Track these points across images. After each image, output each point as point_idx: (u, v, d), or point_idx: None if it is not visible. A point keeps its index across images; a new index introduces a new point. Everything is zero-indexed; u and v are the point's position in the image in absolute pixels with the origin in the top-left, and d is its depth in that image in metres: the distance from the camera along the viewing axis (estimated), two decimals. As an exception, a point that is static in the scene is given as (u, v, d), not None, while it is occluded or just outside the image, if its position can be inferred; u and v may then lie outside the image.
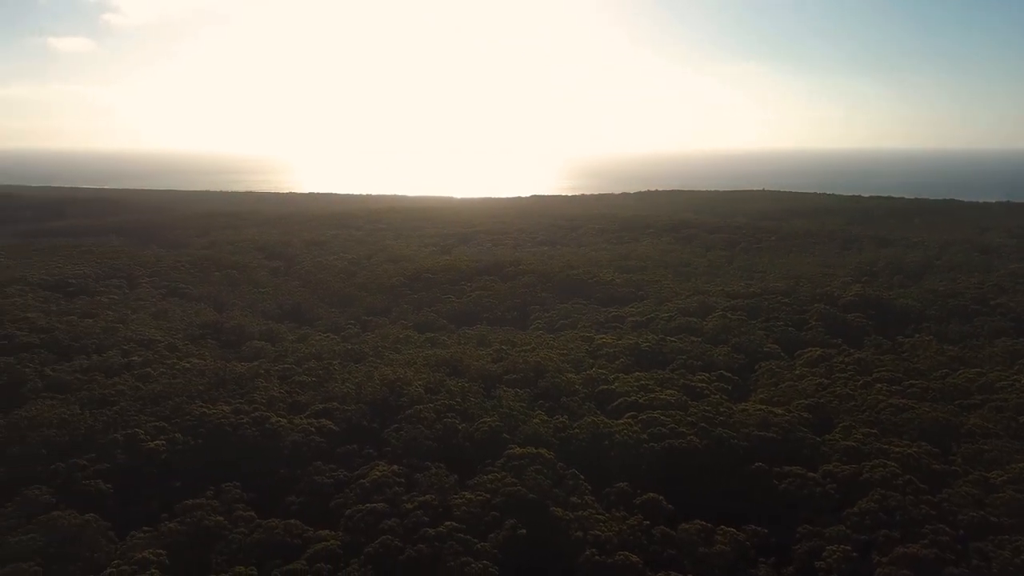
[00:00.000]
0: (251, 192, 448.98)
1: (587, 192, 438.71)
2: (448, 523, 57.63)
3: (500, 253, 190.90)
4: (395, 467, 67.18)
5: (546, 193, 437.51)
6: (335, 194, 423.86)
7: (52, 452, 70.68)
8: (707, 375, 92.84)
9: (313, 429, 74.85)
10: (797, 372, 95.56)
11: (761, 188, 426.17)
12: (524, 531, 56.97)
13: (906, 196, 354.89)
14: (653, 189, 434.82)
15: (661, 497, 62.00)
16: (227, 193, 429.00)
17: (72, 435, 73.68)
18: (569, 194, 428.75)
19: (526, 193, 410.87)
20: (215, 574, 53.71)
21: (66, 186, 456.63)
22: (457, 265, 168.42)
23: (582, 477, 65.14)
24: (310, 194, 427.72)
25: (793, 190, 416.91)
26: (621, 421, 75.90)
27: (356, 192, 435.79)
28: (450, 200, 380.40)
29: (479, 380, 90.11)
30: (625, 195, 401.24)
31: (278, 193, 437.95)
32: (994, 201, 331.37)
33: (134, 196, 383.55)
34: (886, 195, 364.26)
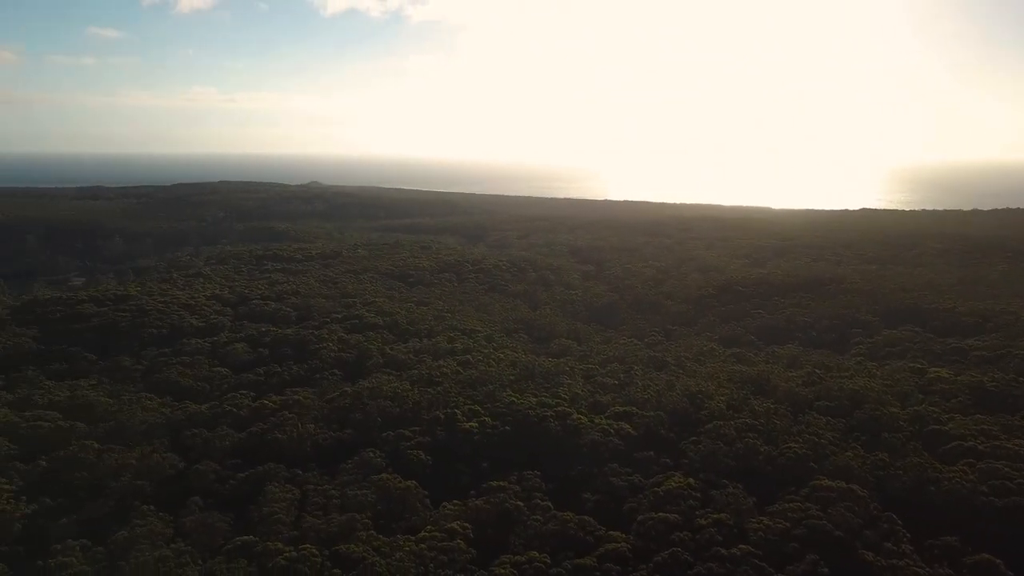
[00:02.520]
0: (566, 198, 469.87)
1: (925, 207, 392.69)
2: (742, 546, 55.06)
3: (819, 269, 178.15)
4: (690, 480, 65.81)
5: (876, 207, 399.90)
6: (646, 202, 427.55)
7: (385, 421, 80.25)
8: (1072, 427, 77.93)
9: (612, 431, 76.07)
10: None
11: None
12: (826, 570, 52.46)
13: None
14: (1014, 207, 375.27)
15: (1000, 562, 53.26)
16: (544, 199, 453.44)
17: (402, 408, 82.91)
18: (904, 208, 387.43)
19: (852, 205, 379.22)
20: (512, 554, 56.77)
21: (412, 188, 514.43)
22: (770, 279, 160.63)
23: (900, 523, 58.27)
24: (622, 201, 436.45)
25: None
26: (954, 468, 66.62)
27: (668, 200, 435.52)
28: (766, 210, 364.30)
29: (787, 403, 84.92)
30: (976, 212, 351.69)
31: (590, 200, 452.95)
32: None
33: (466, 199, 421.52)
34: None
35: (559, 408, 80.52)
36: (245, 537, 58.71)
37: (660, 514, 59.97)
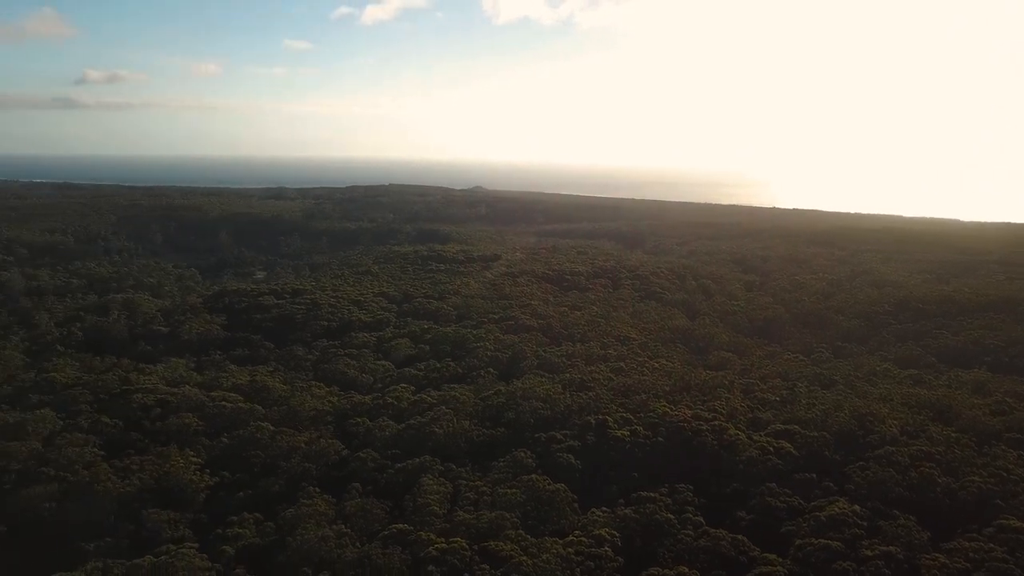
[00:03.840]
0: (731, 205, 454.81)
1: None
2: (914, 585, 50.84)
3: (1015, 288, 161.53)
4: (856, 507, 61.53)
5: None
6: (818, 211, 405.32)
7: (537, 422, 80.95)
8: None
9: (771, 449, 72.65)
10: None
11: None
12: (1014, 621, 47.43)
13: None
14: None
15: None
16: (707, 206, 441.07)
17: (553, 410, 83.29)
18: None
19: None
20: (660, 567, 55.49)
21: (572, 193, 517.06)
22: (955, 297, 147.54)
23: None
24: (791, 210, 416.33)
25: None
26: None
27: (843, 210, 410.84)
28: (952, 222, 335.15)
29: (970, 432, 77.52)
30: None
31: (757, 208, 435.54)
32: None
33: (628, 204, 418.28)
34: None
35: (715, 422, 77.91)
36: (400, 525, 61.06)
37: (821, 540, 56.51)
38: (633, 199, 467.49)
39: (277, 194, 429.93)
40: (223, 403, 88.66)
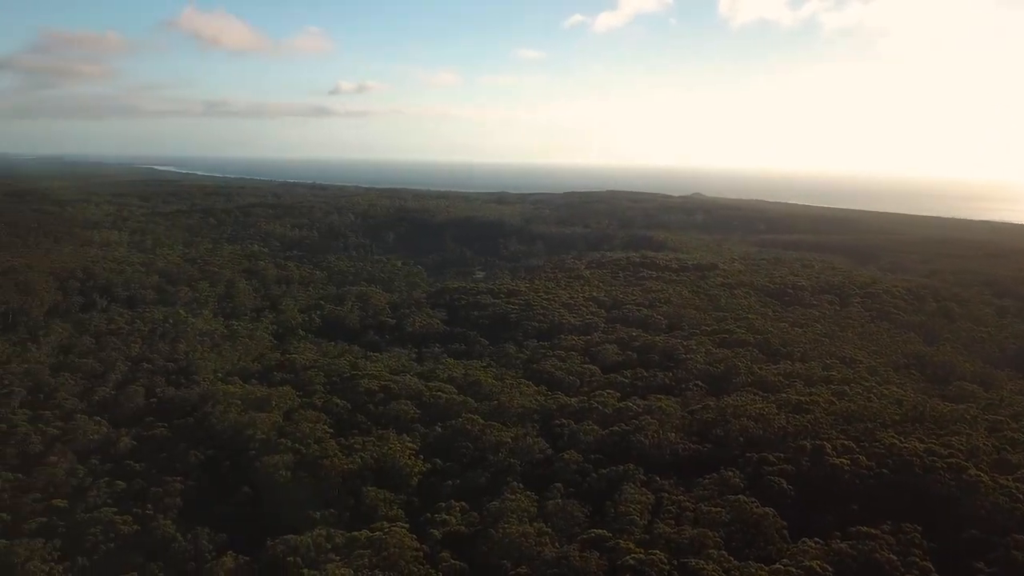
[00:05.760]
0: (985, 221, 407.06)
1: None
2: None
3: None
4: None
5: None
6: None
7: (747, 441, 77.35)
8: None
9: (1020, 495, 64.03)
10: None
11: None
12: None
13: None
14: None
15: None
16: (955, 220, 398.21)
17: (766, 431, 79.16)
18: None
19: None
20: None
21: (798, 203, 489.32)
22: None
23: None
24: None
25: None
26: None
27: None
28: None
29: None
30: None
31: (1019, 225, 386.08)
32: None
33: (859, 216, 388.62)
34: None
35: (952, 460, 69.94)
36: (599, 530, 60.99)
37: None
38: (866, 211, 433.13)
39: (499, 198, 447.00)
40: (439, 394, 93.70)
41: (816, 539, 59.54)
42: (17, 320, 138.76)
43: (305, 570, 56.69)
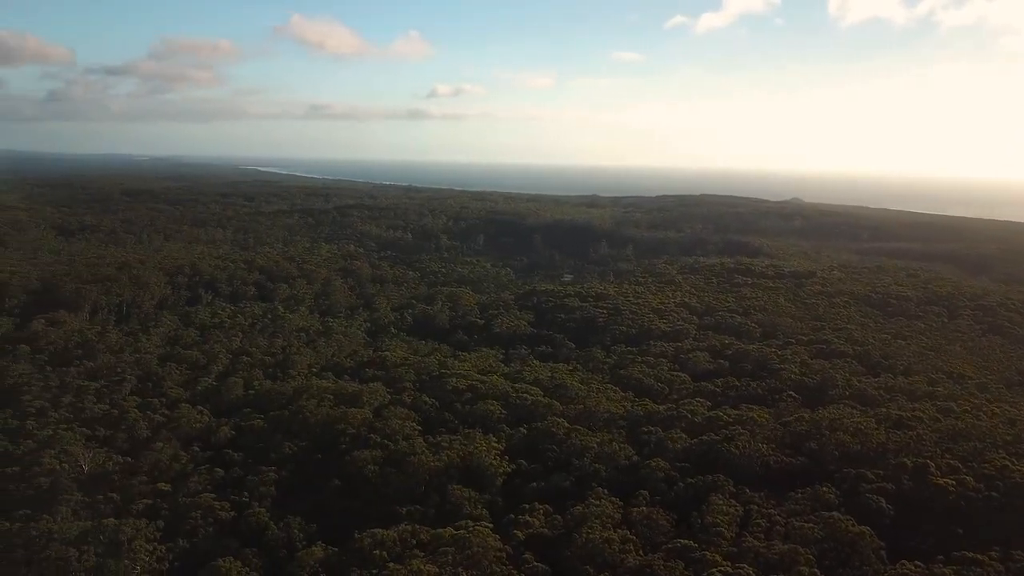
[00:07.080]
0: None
1: None
2: None
3: None
4: None
5: None
6: None
7: (843, 456, 74.30)
8: None
9: None
10: None
11: None
12: None
13: None
14: None
15: None
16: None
17: (864, 446, 75.84)
18: None
19: None
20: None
21: (904, 209, 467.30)
22: None
23: None
24: None
25: None
26: None
27: None
28: None
29: None
30: None
31: None
32: None
33: (970, 224, 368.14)
34: None
35: (1071, 485, 65.34)
36: (685, 541, 59.74)
37: None
38: (979, 219, 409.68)
39: (590, 201, 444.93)
40: (525, 395, 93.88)
41: (916, 562, 56.57)
42: (130, 312, 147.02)
43: (391, 564, 57.68)
